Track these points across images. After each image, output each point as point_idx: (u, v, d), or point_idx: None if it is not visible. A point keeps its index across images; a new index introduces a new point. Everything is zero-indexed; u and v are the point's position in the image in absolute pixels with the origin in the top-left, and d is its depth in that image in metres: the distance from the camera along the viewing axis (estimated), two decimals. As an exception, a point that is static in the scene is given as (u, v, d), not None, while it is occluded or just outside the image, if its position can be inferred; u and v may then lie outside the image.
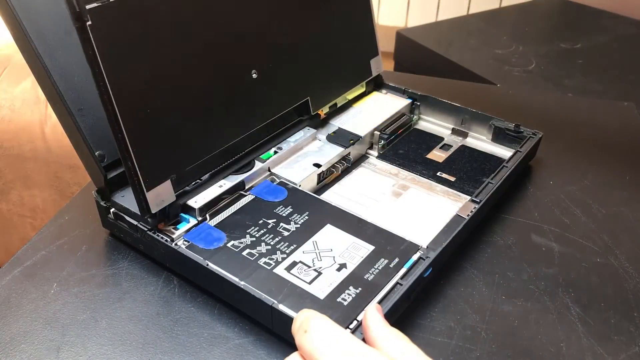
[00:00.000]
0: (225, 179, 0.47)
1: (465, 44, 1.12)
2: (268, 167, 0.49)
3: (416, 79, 0.77)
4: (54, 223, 0.48)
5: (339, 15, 0.56)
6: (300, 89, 0.53)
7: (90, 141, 0.43)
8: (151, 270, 0.44)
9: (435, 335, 0.39)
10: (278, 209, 0.45)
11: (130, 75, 0.38)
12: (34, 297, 0.41)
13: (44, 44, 0.41)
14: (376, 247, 0.41)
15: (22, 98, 0.92)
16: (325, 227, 0.43)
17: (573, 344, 0.39)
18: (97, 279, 0.43)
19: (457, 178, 0.51)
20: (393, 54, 1.20)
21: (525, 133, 0.55)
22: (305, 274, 0.39)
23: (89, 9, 0.35)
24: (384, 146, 0.55)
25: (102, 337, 0.38)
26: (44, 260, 0.45)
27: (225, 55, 0.46)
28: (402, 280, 0.39)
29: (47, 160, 0.91)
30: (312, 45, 0.54)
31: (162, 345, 0.38)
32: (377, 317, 0.32)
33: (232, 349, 0.38)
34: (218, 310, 0.40)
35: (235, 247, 0.41)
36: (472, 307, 0.41)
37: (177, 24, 0.41)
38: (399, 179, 0.52)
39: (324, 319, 0.31)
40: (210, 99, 0.45)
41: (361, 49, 0.60)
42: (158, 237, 0.42)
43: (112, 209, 0.44)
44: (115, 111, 0.37)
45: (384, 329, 0.31)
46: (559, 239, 0.47)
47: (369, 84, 0.61)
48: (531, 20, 1.26)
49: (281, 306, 0.37)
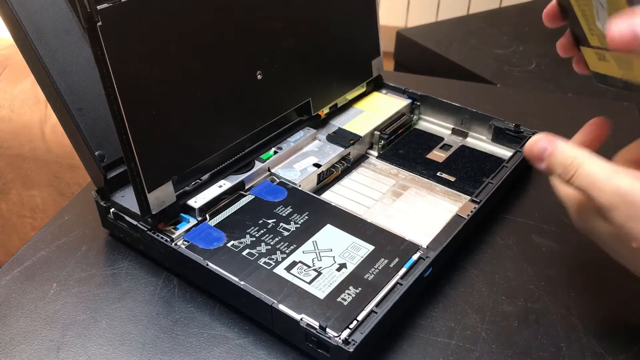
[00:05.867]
0: (225, 179, 0.47)
1: (465, 44, 1.12)
2: (268, 167, 0.49)
3: (416, 79, 0.77)
4: (54, 223, 0.48)
5: (344, 16, 0.56)
6: (303, 90, 0.53)
7: (90, 141, 0.43)
8: (151, 270, 0.44)
9: (435, 335, 0.39)
10: (278, 209, 0.45)
11: (137, 77, 0.38)
12: (34, 297, 0.41)
13: (44, 44, 0.41)
14: (376, 247, 0.41)
15: (21, 98, 0.92)
16: (325, 227, 0.43)
17: (573, 344, 0.39)
18: (97, 279, 0.43)
19: (457, 178, 0.51)
20: (393, 54, 1.20)
21: (525, 133, 0.55)
22: (305, 274, 0.39)
23: (100, 9, 0.35)
24: (384, 146, 0.55)
25: (102, 337, 0.38)
26: (44, 260, 0.45)
27: (232, 56, 0.46)
28: (402, 280, 0.39)
29: (47, 160, 0.91)
30: (317, 46, 0.54)
31: (162, 345, 0.38)
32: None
33: (232, 349, 0.38)
34: (218, 310, 0.40)
35: (235, 247, 0.41)
36: (472, 307, 0.41)
37: (185, 26, 0.41)
38: (399, 179, 0.51)
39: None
40: (216, 100, 0.45)
41: (364, 50, 0.60)
42: (158, 237, 0.42)
43: (112, 209, 0.44)
44: (122, 112, 0.37)
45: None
46: (559, 239, 0.47)
47: (369, 84, 0.61)
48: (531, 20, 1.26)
49: (281, 306, 0.37)
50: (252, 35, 0.47)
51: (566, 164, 0.32)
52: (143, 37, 0.38)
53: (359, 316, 0.36)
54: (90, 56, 0.36)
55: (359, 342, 0.34)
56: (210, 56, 0.44)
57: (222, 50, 0.45)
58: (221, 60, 0.45)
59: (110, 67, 0.36)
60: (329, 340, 0.34)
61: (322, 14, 0.54)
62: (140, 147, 0.39)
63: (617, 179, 0.31)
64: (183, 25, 0.41)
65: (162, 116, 0.41)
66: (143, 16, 0.38)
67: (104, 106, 0.38)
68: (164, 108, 0.41)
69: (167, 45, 0.40)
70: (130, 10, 0.37)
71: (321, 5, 0.53)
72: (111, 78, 0.36)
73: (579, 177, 0.32)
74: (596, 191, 0.31)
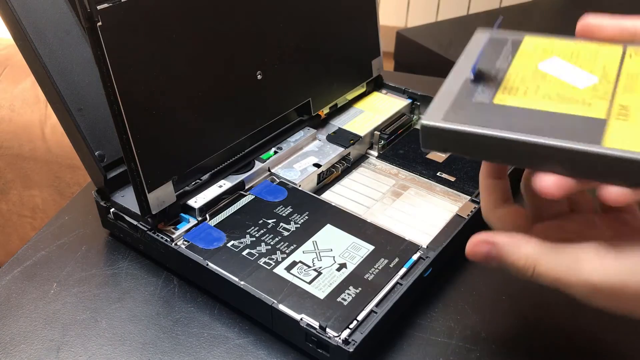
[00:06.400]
0: (225, 179, 0.47)
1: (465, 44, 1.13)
2: (268, 167, 0.49)
3: (416, 79, 0.77)
4: (54, 223, 0.48)
5: (344, 16, 0.56)
6: (303, 90, 0.53)
7: (90, 141, 0.43)
8: (151, 270, 0.44)
9: (435, 335, 0.39)
10: (278, 209, 0.45)
11: (137, 77, 0.38)
12: (34, 297, 0.41)
13: (44, 44, 0.41)
14: (376, 247, 0.41)
15: (21, 98, 0.92)
16: (325, 227, 0.43)
17: (574, 344, 0.39)
18: (97, 279, 0.43)
19: (457, 178, 0.51)
20: (393, 54, 1.20)
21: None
22: (305, 274, 0.39)
23: (100, 9, 0.35)
24: (384, 146, 0.55)
25: (102, 337, 0.38)
26: (44, 260, 0.45)
27: (232, 56, 0.45)
28: (402, 280, 0.39)
29: (47, 160, 0.91)
30: (317, 46, 0.54)
31: (162, 345, 0.38)
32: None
33: (232, 349, 0.38)
34: (218, 310, 0.40)
35: (235, 247, 0.41)
36: (472, 307, 0.41)
37: (186, 26, 0.41)
38: (399, 179, 0.51)
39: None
40: (216, 100, 0.45)
41: (364, 50, 0.60)
42: (158, 237, 0.42)
43: (112, 209, 0.44)
44: (122, 112, 0.37)
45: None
46: (559, 239, 0.47)
47: (369, 84, 0.61)
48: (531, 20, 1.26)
49: (281, 306, 0.37)
50: (252, 35, 0.47)
51: (519, 266, 0.30)
52: (143, 37, 0.38)
53: (359, 316, 0.36)
54: (90, 56, 0.36)
55: (359, 342, 0.34)
56: (210, 56, 0.44)
57: (222, 50, 0.45)
58: (221, 60, 0.45)
59: (110, 67, 0.36)
60: (329, 340, 0.34)
61: (322, 14, 0.54)
62: (140, 147, 0.39)
63: (582, 273, 0.28)
64: (183, 25, 0.41)
65: (162, 116, 0.41)
66: (143, 16, 0.38)
67: (104, 106, 0.38)
68: (164, 108, 0.41)
69: (167, 45, 0.40)
70: (130, 10, 0.37)
71: (321, 5, 0.53)
72: (111, 78, 0.36)
73: (539, 276, 0.30)
74: (563, 286, 0.29)
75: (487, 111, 0.28)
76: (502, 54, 0.32)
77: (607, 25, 0.31)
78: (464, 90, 0.30)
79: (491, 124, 0.27)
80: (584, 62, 0.30)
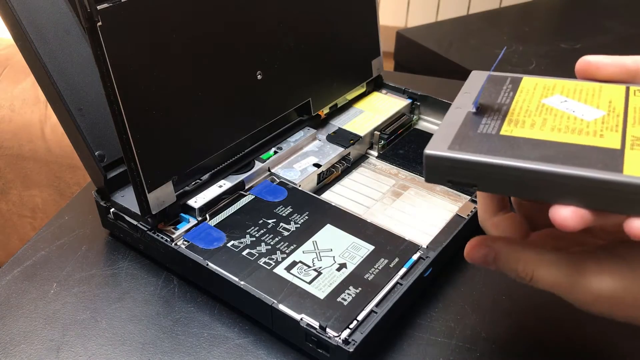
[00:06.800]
0: (225, 179, 0.47)
1: (465, 44, 1.12)
2: (268, 167, 0.49)
3: (416, 79, 0.77)
4: (54, 223, 0.48)
5: (344, 16, 0.56)
6: (303, 90, 0.53)
7: (90, 141, 0.43)
8: (151, 270, 0.44)
9: (435, 335, 0.39)
10: (278, 209, 0.45)
11: (137, 77, 0.38)
12: (34, 297, 0.41)
13: (44, 44, 0.41)
14: (376, 247, 0.41)
15: (21, 98, 0.92)
16: (325, 227, 0.43)
17: (574, 344, 0.39)
18: (97, 279, 0.43)
19: (457, 178, 0.51)
20: (393, 54, 1.20)
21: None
22: (305, 274, 0.39)
23: (100, 9, 0.35)
24: (384, 146, 0.55)
25: (102, 337, 0.38)
26: (44, 260, 0.45)
27: (232, 56, 0.45)
28: (402, 280, 0.39)
29: (47, 160, 0.91)
30: (317, 46, 0.54)
31: (162, 345, 0.38)
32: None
33: (232, 349, 0.38)
34: (218, 310, 0.40)
35: (235, 247, 0.41)
36: (472, 307, 0.41)
37: (186, 26, 0.41)
38: (399, 179, 0.52)
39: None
40: (216, 100, 0.45)
41: (364, 50, 0.60)
42: (158, 237, 0.42)
43: (112, 209, 0.44)
44: (122, 112, 0.37)
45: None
46: (559, 239, 0.47)
47: (369, 84, 0.61)
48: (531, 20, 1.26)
49: (281, 306, 0.37)
50: (252, 35, 0.47)
51: (517, 271, 0.30)
52: (143, 37, 0.38)
53: (359, 316, 0.36)
54: (90, 56, 0.36)
55: (359, 342, 0.34)
56: (210, 56, 0.44)
57: (222, 50, 0.45)
58: (221, 60, 0.45)
59: (110, 67, 0.36)
60: (329, 340, 0.34)
61: (322, 13, 0.54)
62: (140, 147, 0.39)
63: (581, 282, 0.28)
64: (183, 25, 0.41)
65: (162, 116, 0.41)
66: (143, 16, 0.38)
67: (104, 106, 0.38)
68: (164, 108, 0.41)
69: (167, 45, 0.40)
70: (130, 10, 0.37)
71: (321, 5, 0.53)
72: (111, 78, 0.36)
73: (538, 282, 0.29)
74: (563, 293, 0.29)
75: (495, 141, 0.27)
76: (503, 91, 0.31)
77: (607, 63, 0.30)
78: (467, 122, 0.29)
79: (501, 153, 0.26)
80: (588, 98, 0.30)
